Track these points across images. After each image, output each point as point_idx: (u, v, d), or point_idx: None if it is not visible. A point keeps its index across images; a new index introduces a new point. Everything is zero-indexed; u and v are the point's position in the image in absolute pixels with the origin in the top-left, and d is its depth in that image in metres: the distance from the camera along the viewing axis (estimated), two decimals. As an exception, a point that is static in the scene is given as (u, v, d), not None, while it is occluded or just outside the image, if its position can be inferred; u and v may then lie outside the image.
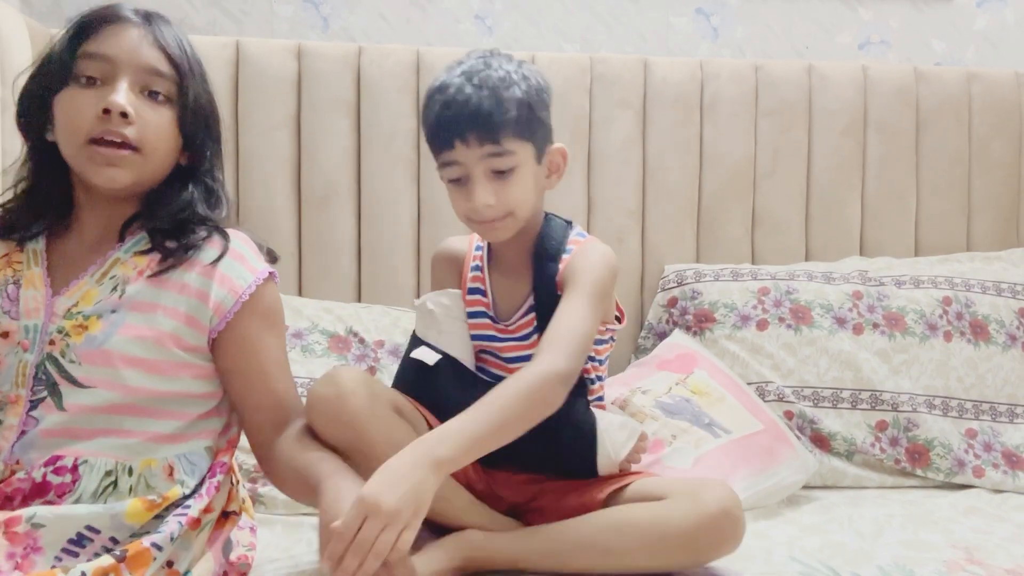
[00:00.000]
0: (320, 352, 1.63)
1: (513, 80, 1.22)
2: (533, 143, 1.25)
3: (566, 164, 1.32)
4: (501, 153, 1.21)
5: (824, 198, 1.98)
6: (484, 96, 1.20)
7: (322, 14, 2.01)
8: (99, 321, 1.04)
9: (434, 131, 1.24)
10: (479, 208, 1.23)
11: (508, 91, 1.21)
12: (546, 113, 1.28)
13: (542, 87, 1.27)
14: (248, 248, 1.17)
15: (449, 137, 1.21)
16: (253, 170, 1.79)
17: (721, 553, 1.16)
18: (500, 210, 1.24)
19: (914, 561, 1.25)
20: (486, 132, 1.20)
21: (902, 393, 1.70)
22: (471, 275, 1.37)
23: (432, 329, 1.34)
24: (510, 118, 1.20)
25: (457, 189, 1.25)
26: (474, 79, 1.21)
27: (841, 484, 1.67)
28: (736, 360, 1.73)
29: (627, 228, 1.92)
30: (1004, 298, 1.82)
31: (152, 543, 0.99)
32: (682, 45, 2.12)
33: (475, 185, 1.22)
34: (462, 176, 1.24)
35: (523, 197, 1.25)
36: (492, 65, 1.23)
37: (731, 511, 1.14)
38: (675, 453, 1.48)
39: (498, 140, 1.20)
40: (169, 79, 1.08)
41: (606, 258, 1.28)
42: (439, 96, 1.22)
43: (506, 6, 2.06)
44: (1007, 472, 1.66)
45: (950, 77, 2.02)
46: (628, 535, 1.14)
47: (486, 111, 1.19)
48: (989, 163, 2.03)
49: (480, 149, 1.21)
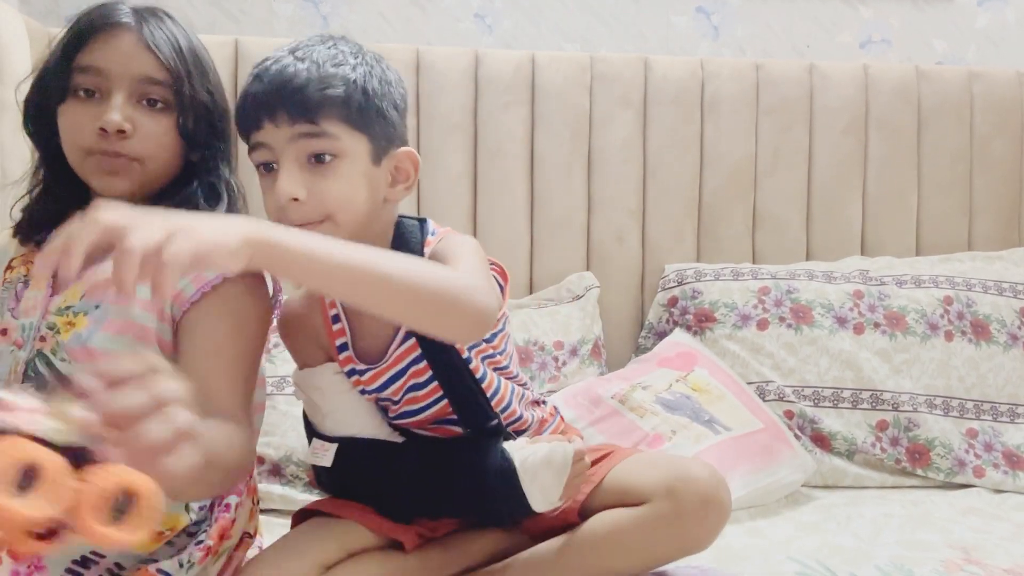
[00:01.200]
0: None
1: (348, 61, 1.03)
2: (367, 136, 1.04)
3: (417, 173, 1.11)
4: (317, 134, 1.00)
5: (825, 197, 1.98)
6: (303, 68, 1.01)
7: (321, 13, 2.01)
8: (86, 318, 1.03)
9: (240, 107, 1.05)
10: (284, 203, 1.01)
11: (337, 68, 1.02)
12: (394, 112, 1.08)
13: (391, 81, 1.08)
14: None
15: (256, 114, 1.01)
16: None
17: (711, 540, 1.10)
18: (314, 210, 1.01)
19: (912, 561, 1.24)
20: (299, 107, 1.00)
21: (903, 393, 1.70)
22: (335, 328, 1.14)
23: (317, 416, 1.17)
24: (333, 95, 1.00)
25: (267, 184, 1.04)
26: (298, 52, 1.03)
27: (841, 484, 1.66)
28: (736, 359, 1.73)
29: (627, 227, 1.92)
30: (1005, 298, 1.81)
31: (159, 570, 0.97)
32: (682, 44, 2.11)
33: (282, 172, 1.00)
34: (272, 165, 1.03)
35: (346, 196, 1.02)
36: (328, 44, 1.05)
37: (712, 499, 1.06)
38: (675, 449, 1.48)
39: (314, 119, 1.00)
40: (165, 85, 1.05)
41: (474, 242, 1.09)
42: (254, 70, 1.04)
43: (506, 5, 2.06)
44: (1008, 472, 1.65)
45: (951, 76, 2.01)
46: (615, 551, 1.09)
47: (302, 81, 1.00)
48: (990, 162, 2.02)
49: (291, 128, 1.00)
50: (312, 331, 1.16)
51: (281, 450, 1.53)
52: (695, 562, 1.21)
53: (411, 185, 1.10)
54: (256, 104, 1.01)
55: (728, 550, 1.27)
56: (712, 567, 1.21)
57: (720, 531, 1.10)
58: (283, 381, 1.58)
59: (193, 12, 1.97)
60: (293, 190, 1.00)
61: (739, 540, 1.33)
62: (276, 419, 1.55)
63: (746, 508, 1.47)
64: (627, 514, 1.09)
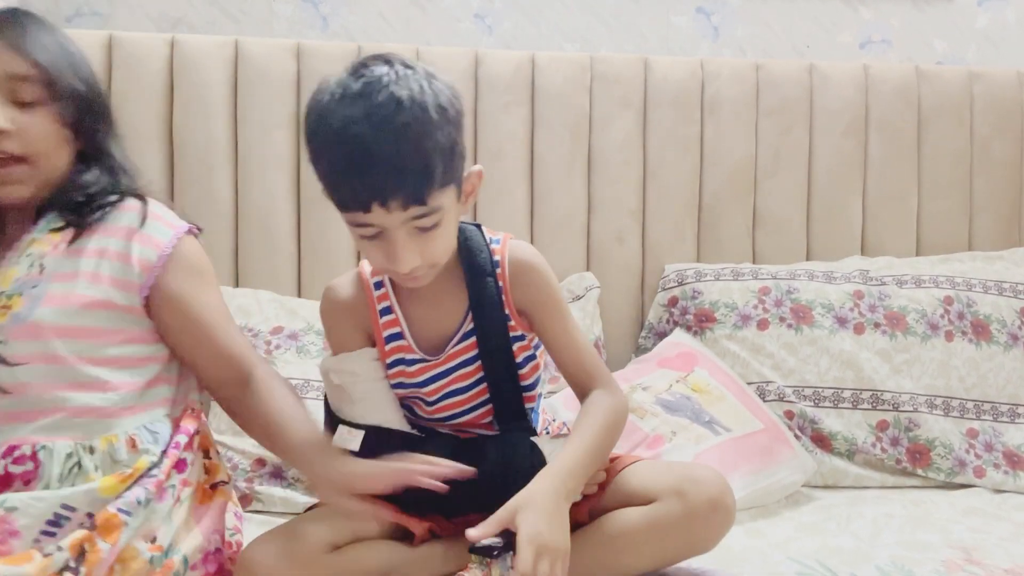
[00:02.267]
0: (315, 353, 1.63)
1: (433, 121, 1.01)
2: (455, 183, 1.07)
3: (481, 183, 1.15)
4: (428, 213, 1.03)
5: (825, 197, 1.98)
6: (407, 154, 0.99)
7: (321, 13, 2.01)
8: (21, 298, 1.06)
9: (342, 190, 1.03)
10: (404, 272, 1.07)
11: (431, 139, 1.00)
12: (462, 137, 1.08)
13: (458, 110, 1.07)
14: (165, 210, 1.18)
15: (365, 201, 1.01)
16: (252, 170, 1.79)
17: (716, 541, 1.15)
18: (426, 266, 1.08)
19: (912, 561, 1.24)
20: (412, 196, 1.01)
21: (903, 393, 1.70)
22: (383, 320, 1.19)
23: (344, 403, 1.19)
24: (436, 173, 1.01)
25: (372, 244, 1.07)
26: (388, 128, 0.99)
27: (842, 484, 1.66)
28: (737, 360, 1.73)
29: (627, 228, 1.92)
30: (1006, 298, 1.81)
31: (118, 508, 1.01)
32: (683, 44, 2.11)
33: (397, 248, 1.04)
34: (378, 233, 1.05)
35: (447, 246, 1.11)
36: (403, 102, 1.00)
37: (720, 503, 1.11)
38: (675, 450, 1.48)
39: (425, 201, 1.02)
40: (35, 80, 1.08)
41: (545, 263, 1.20)
42: (343, 147, 1.00)
43: (506, 5, 2.06)
44: (1008, 472, 1.65)
45: (951, 76, 2.01)
46: (628, 548, 1.13)
47: (411, 173, 1.00)
48: (991, 162, 2.02)
49: (404, 213, 1.02)
50: (359, 318, 1.20)
51: (282, 451, 1.52)
52: (696, 563, 1.21)
53: (475, 196, 1.16)
54: (363, 193, 1.01)
55: (728, 550, 1.27)
56: (712, 567, 1.21)
57: (725, 534, 1.14)
58: (284, 382, 1.58)
59: (193, 12, 1.97)
60: (413, 262, 1.06)
61: (739, 541, 1.33)
62: (277, 420, 1.55)
63: (746, 509, 1.47)
64: (636, 513, 1.13)
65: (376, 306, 1.19)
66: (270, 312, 1.68)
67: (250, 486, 1.50)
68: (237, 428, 1.53)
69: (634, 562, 1.14)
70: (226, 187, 1.79)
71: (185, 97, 1.76)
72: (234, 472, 1.52)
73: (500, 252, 1.18)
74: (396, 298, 1.19)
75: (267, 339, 1.63)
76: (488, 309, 1.17)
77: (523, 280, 1.17)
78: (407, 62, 1.04)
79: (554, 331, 1.18)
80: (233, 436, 1.55)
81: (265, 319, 1.66)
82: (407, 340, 1.18)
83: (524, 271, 1.18)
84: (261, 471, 1.51)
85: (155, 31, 1.95)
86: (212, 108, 1.77)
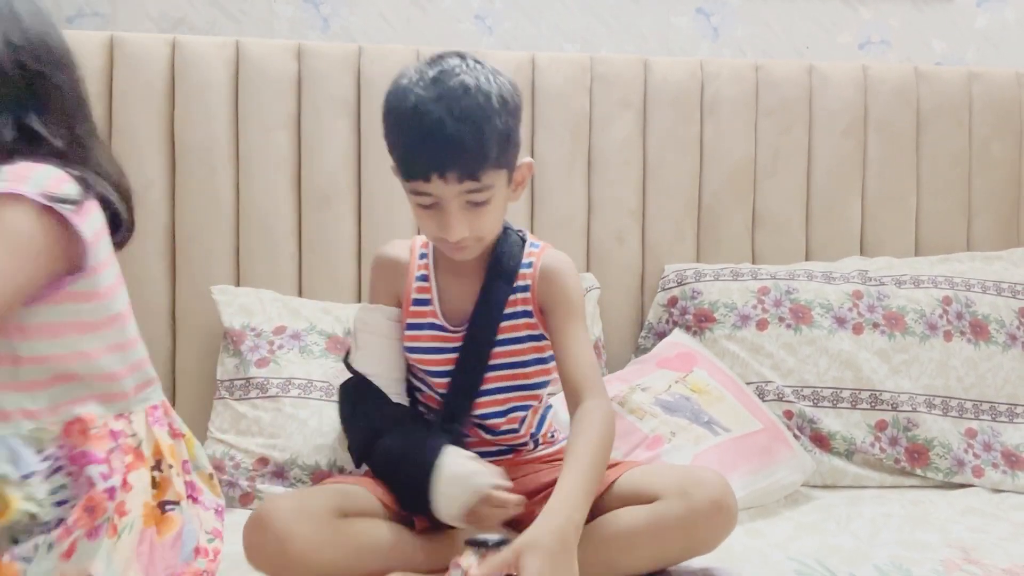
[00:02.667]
0: (318, 353, 1.63)
1: (494, 108, 1.16)
2: (507, 169, 1.22)
3: (531, 175, 1.31)
4: (480, 188, 1.18)
5: (824, 198, 1.98)
6: (467, 132, 1.13)
7: (322, 14, 2.01)
8: None
9: (408, 160, 1.18)
10: (452, 241, 1.21)
11: (490, 123, 1.15)
12: (518, 128, 1.23)
13: (517, 103, 1.22)
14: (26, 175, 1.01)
15: (426, 171, 1.16)
16: (253, 170, 1.79)
17: (717, 543, 1.17)
18: (473, 239, 1.23)
19: (911, 561, 1.25)
20: (467, 170, 1.15)
21: (902, 393, 1.70)
22: (416, 285, 1.35)
23: (352, 347, 1.36)
24: (491, 154, 1.16)
25: (427, 214, 1.21)
26: (455, 110, 1.14)
27: (841, 484, 1.67)
28: (736, 360, 1.74)
29: (627, 228, 1.92)
30: (1004, 298, 1.82)
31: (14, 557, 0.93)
32: (682, 45, 2.12)
33: (450, 218, 1.19)
34: (434, 204, 1.20)
35: (495, 223, 1.26)
36: (470, 89, 1.15)
37: (722, 503, 1.14)
38: (674, 450, 1.49)
39: (478, 177, 1.17)
40: None
41: (574, 272, 1.34)
42: (414, 122, 1.15)
43: (506, 6, 2.06)
44: (1007, 472, 1.66)
45: (951, 77, 2.01)
46: (629, 546, 1.14)
47: (469, 149, 1.14)
48: (989, 163, 2.02)
49: (459, 185, 1.16)
50: (395, 278, 1.36)
51: (287, 452, 1.53)
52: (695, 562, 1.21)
53: (525, 187, 1.30)
54: (427, 163, 1.15)
55: (727, 550, 1.27)
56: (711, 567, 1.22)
57: (727, 536, 1.16)
58: (289, 383, 1.59)
59: (193, 12, 1.97)
60: (462, 233, 1.20)
61: (738, 540, 1.33)
62: (282, 421, 1.55)
63: (746, 509, 1.47)
64: (639, 511, 1.16)
65: (415, 271, 1.35)
66: (272, 312, 1.68)
67: (252, 485, 1.51)
68: (240, 427, 1.56)
69: (635, 561, 1.15)
70: (227, 187, 1.79)
71: (186, 98, 1.77)
72: (236, 471, 1.52)
73: (536, 255, 1.34)
74: (434, 271, 1.34)
75: (270, 339, 1.64)
76: (489, 307, 1.31)
77: (548, 279, 1.31)
78: (477, 58, 1.20)
79: (563, 332, 1.28)
80: (236, 435, 1.55)
81: (268, 318, 1.67)
82: (434, 307, 1.33)
83: (551, 272, 1.32)
84: (263, 470, 1.52)
85: (156, 32, 1.95)
86: (213, 109, 1.78)
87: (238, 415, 1.57)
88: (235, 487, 1.51)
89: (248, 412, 1.57)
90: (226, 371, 1.63)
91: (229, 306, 1.68)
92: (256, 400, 1.58)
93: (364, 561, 1.14)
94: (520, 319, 1.32)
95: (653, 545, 1.14)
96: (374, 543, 1.16)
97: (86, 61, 1.74)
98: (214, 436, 1.57)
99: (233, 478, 1.52)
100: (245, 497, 1.51)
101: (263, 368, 1.60)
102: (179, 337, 1.77)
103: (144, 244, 1.76)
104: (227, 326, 1.66)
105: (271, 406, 1.57)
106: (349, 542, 1.14)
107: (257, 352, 1.62)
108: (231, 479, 1.52)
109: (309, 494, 1.23)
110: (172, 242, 1.78)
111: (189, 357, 1.76)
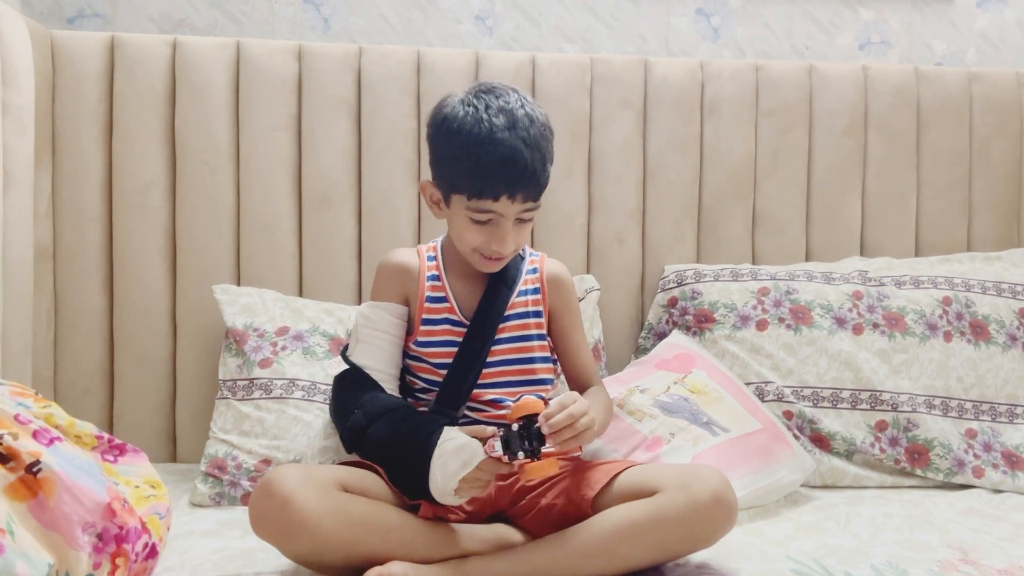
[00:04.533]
0: (321, 355, 1.64)
1: (548, 138, 1.32)
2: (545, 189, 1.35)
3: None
4: (534, 208, 1.32)
5: (824, 198, 1.98)
6: (537, 160, 1.28)
7: (323, 15, 2.01)
8: None
9: (480, 181, 1.28)
10: (503, 252, 1.33)
11: (550, 151, 1.32)
12: None
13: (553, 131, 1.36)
14: None
15: (497, 192, 1.27)
16: (253, 171, 1.80)
17: (717, 537, 1.18)
18: (513, 252, 1.36)
19: (908, 561, 1.25)
20: (533, 193, 1.30)
21: (902, 393, 1.70)
22: (429, 284, 1.42)
23: (352, 340, 1.42)
24: (547, 177, 1.32)
25: (480, 228, 1.32)
26: (527, 139, 1.28)
27: (841, 484, 1.67)
28: (736, 360, 1.74)
29: (627, 228, 1.92)
30: (1004, 298, 1.82)
31: None
32: (682, 45, 2.12)
33: (507, 233, 1.31)
34: (490, 220, 1.31)
35: (527, 238, 1.41)
36: (534, 121, 1.30)
37: (723, 497, 1.16)
38: (673, 451, 1.49)
39: (538, 199, 1.32)
40: None
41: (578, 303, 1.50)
42: (490, 148, 1.26)
43: (506, 6, 2.06)
44: (1007, 472, 1.66)
45: (951, 77, 2.02)
46: (630, 538, 1.15)
47: (539, 176, 1.29)
48: (989, 163, 2.03)
49: (522, 205, 1.30)
50: (405, 280, 1.43)
51: (290, 454, 1.53)
52: (695, 560, 1.22)
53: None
54: (501, 187, 1.27)
55: (727, 549, 1.28)
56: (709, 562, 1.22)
57: (728, 530, 1.18)
58: (292, 384, 1.59)
59: (194, 13, 1.98)
60: (513, 248, 1.34)
61: (738, 539, 1.34)
62: (285, 423, 1.56)
63: (746, 508, 1.47)
64: (640, 504, 1.18)
65: (426, 273, 1.43)
66: (275, 312, 1.68)
67: (254, 485, 1.51)
68: (243, 427, 1.56)
69: (636, 553, 1.16)
70: (228, 188, 1.79)
71: (187, 98, 1.77)
72: (238, 471, 1.52)
73: (539, 263, 1.47)
74: (444, 271, 1.43)
75: (273, 340, 1.64)
76: (490, 306, 1.40)
77: (557, 286, 1.45)
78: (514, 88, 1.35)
79: (569, 333, 1.45)
80: (239, 436, 1.55)
81: (270, 319, 1.67)
82: (450, 303, 1.41)
83: (560, 280, 1.46)
84: (266, 471, 1.51)
85: (157, 32, 1.95)
86: (214, 109, 1.78)
87: (241, 415, 1.57)
88: (237, 487, 1.51)
89: (252, 412, 1.57)
90: (228, 371, 1.63)
91: (231, 305, 1.68)
92: (260, 401, 1.58)
93: (364, 537, 1.15)
94: (531, 319, 1.42)
95: (654, 538, 1.15)
96: (376, 521, 1.17)
97: (87, 62, 1.76)
98: (216, 436, 1.57)
99: (235, 478, 1.52)
100: (246, 497, 1.51)
101: (266, 369, 1.61)
102: (179, 336, 1.77)
103: (144, 244, 1.77)
104: (229, 325, 1.66)
105: (275, 407, 1.57)
106: (352, 516, 1.15)
107: (260, 352, 1.62)
108: (233, 479, 1.52)
109: (318, 467, 1.28)
110: (172, 242, 1.78)
111: (189, 356, 1.76)
